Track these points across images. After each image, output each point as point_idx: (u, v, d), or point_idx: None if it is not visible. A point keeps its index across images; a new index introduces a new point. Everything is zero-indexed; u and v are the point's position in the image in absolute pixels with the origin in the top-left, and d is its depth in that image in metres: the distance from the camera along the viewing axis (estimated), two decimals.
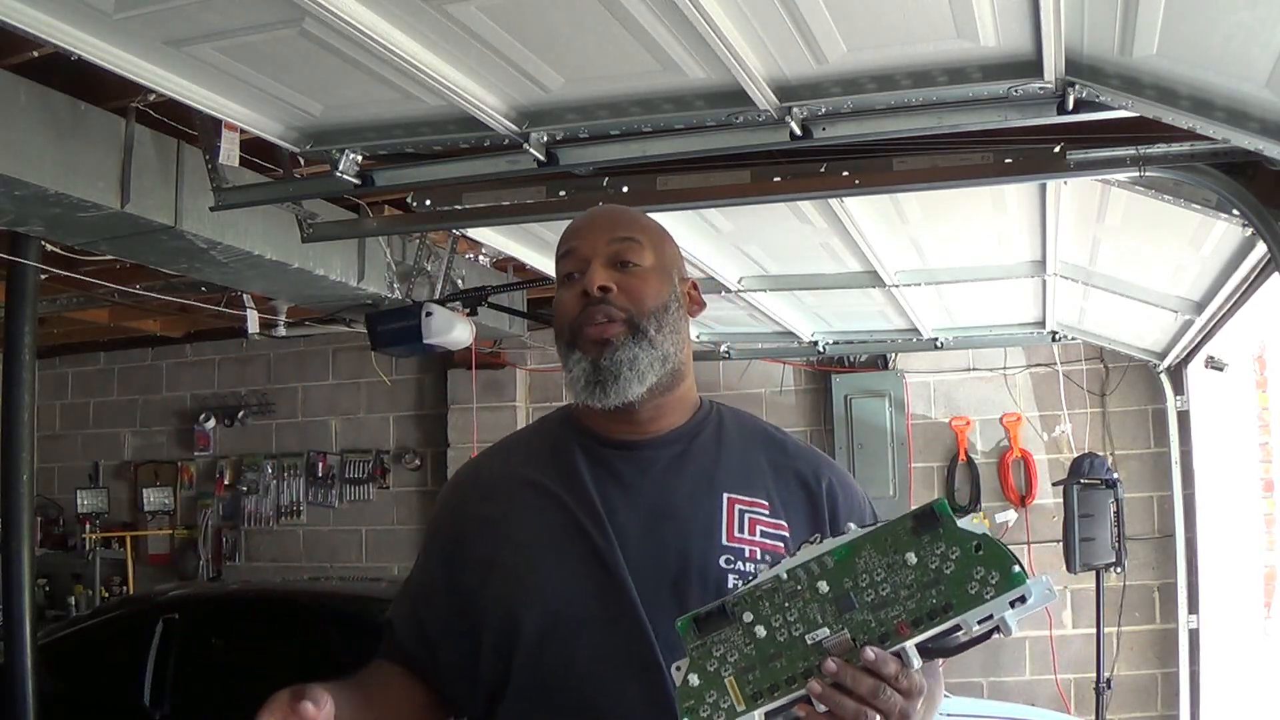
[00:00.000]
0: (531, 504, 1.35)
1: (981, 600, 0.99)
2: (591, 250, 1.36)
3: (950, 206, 3.20)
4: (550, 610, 1.27)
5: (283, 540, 6.74)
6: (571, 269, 1.37)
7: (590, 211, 1.47)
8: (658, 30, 1.94)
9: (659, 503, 1.32)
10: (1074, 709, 5.24)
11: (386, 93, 2.24)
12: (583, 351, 1.33)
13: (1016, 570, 0.99)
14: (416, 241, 4.69)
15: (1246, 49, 1.76)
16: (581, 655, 1.25)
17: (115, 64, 2.08)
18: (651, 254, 1.38)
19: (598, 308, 1.32)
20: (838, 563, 1.04)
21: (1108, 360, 5.50)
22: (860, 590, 1.03)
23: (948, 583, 1.01)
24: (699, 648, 1.06)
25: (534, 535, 1.32)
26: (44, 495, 6.54)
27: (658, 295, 1.35)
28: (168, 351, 7.10)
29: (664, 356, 1.33)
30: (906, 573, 1.02)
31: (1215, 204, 2.70)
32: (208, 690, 3.83)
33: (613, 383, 1.30)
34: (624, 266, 1.35)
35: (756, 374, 6.01)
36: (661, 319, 1.34)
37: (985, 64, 2.04)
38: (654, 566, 1.27)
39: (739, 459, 1.38)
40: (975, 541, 1.01)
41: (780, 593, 1.05)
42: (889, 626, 1.02)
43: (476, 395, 6.10)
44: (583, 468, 1.34)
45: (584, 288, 1.33)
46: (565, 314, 1.36)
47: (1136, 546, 5.22)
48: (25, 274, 3.65)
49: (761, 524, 1.32)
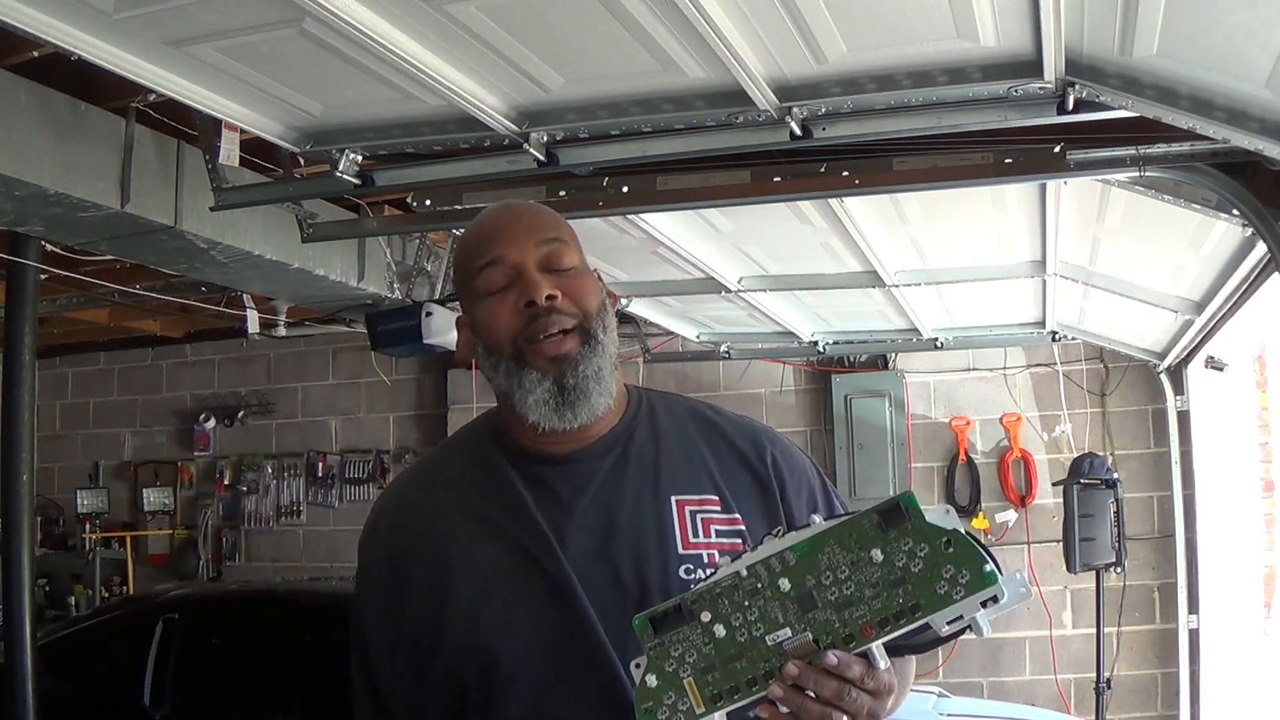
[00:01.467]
0: (476, 538, 1.23)
1: (951, 600, 0.94)
2: (520, 256, 1.24)
3: (950, 206, 3.20)
4: (514, 655, 1.18)
5: (283, 540, 6.74)
6: (501, 280, 1.24)
7: (497, 214, 1.33)
8: (658, 30, 1.94)
9: (605, 520, 1.22)
10: (1074, 709, 5.24)
11: (386, 93, 2.24)
12: (539, 370, 1.21)
13: (988, 569, 0.94)
14: (416, 241, 4.69)
15: (1246, 49, 1.76)
16: (552, 697, 1.17)
17: (115, 64, 2.08)
18: (575, 253, 1.28)
19: (547, 319, 1.21)
20: (800, 559, 0.99)
21: (1108, 360, 5.50)
22: (824, 588, 0.98)
23: (915, 581, 0.95)
24: (657, 647, 1.01)
25: (485, 575, 1.21)
26: (44, 495, 6.54)
27: (596, 295, 1.26)
28: (168, 351, 7.11)
29: (612, 359, 1.25)
30: (872, 570, 0.97)
31: (1215, 204, 2.69)
32: (208, 690, 3.83)
33: (582, 401, 1.21)
34: (558, 271, 1.25)
35: (756, 374, 6.01)
36: (604, 319, 1.26)
37: (985, 64, 2.04)
38: (612, 591, 1.18)
39: (680, 454, 1.29)
40: (945, 537, 0.95)
41: (740, 590, 1.00)
42: (853, 627, 0.97)
43: (476, 395, 6.09)
44: (522, 490, 1.24)
45: (528, 298, 1.21)
46: (504, 328, 1.23)
47: (1136, 546, 5.22)
48: (25, 274, 3.65)
49: (715, 523, 1.24)
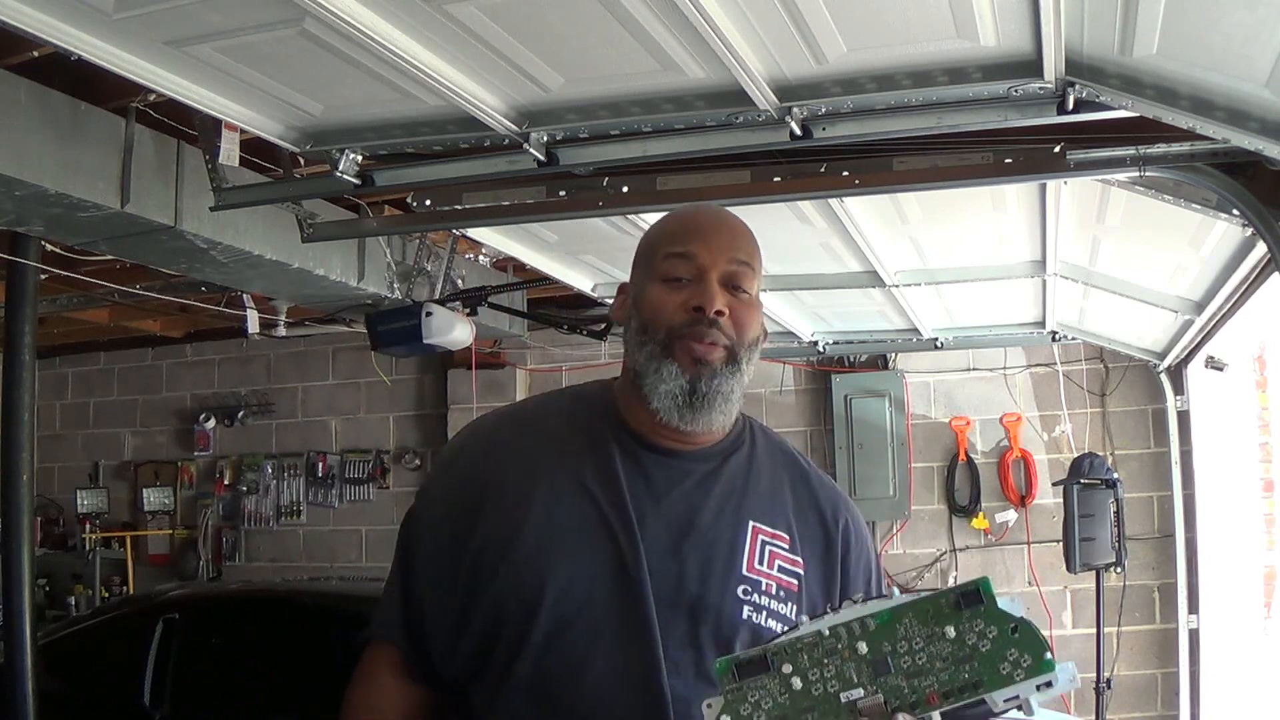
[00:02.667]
0: (562, 492, 1.29)
1: (1011, 681, 1.03)
2: (711, 263, 1.31)
3: (950, 206, 3.20)
4: (565, 608, 1.23)
5: (283, 540, 6.74)
6: (685, 273, 1.31)
7: (707, 213, 1.41)
8: (658, 30, 1.94)
9: (686, 519, 1.29)
10: (1074, 709, 5.23)
11: (386, 93, 2.24)
12: (680, 365, 1.28)
13: (1048, 658, 1.03)
14: (416, 241, 4.69)
15: (1246, 49, 1.76)
16: (589, 664, 1.22)
17: (115, 64, 2.08)
18: (756, 282, 1.36)
19: (709, 329, 1.29)
20: (879, 626, 1.07)
21: (1108, 360, 5.50)
22: (898, 656, 1.06)
23: (982, 660, 1.04)
24: (734, 691, 1.07)
25: (561, 528, 1.27)
26: (44, 495, 6.55)
27: (756, 327, 1.35)
28: (168, 351, 7.11)
29: (744, 388, 1.34)
30: (944, 645, 1.05)
31: (1215, 204, 2.69)
32: (208, 690, 3.83)
33: (704, 409, 1.29)
34: (736, 291, 1.32)
35: (757, 374, 5.86)
36: (753, 352, 1.34)
37: (985, 64, 2.04)
38: (673, 583, 1.25)
39: (767, 485, 1.36)
40: (1013, 624, 1.04)
41: (820, 648, 1.07)
42: (920, 694, 1.05)
43: (476, 395, 6.09)
44: (619, 467, 1.30)
45: (699, 303, 1.29)
46: (666, 316, 1.30)
47: (1136, 546, 5.22)
48: (25, 274, 3.65)
49: (780, 558, 1.31)
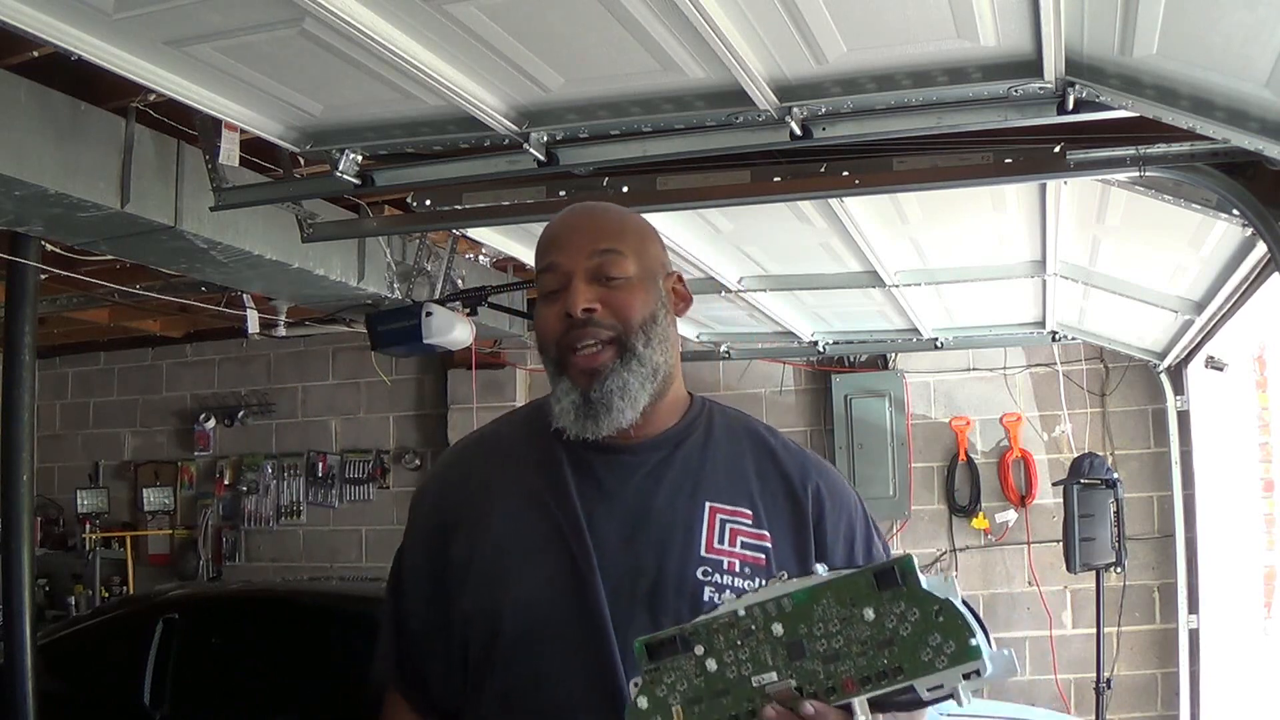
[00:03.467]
0: (515, 506, 1.32)
1: (933, 669, 0.96)
2: (572, 264, 1.30)
3: (950, 206, 3.20)
4: (523, 619, 1.25)
5: (283, 540, 6.74)
6: (553, 285, 1.31)
7: (567, 217, 1.39)
8: (658, 30, 1.94)
9: (639, 511, 1.28)
10: (1074, 709, 5.24)
11: (386, 93, 2.24)
12: (571, 380, 1.29)
13: (974, 643, 0.95)
14: (416, 241, 4.69)
15: (1246, 49, 1.76)
16: (548, 670, 1.24)
17: (115, 64, 2.08)
18: (634, 262, 1.32)
19: (583, 330, 1.28)
20: (796, 606, 1.02)
21: (1108, 360, 5.50)
22: (814, 639, 1.01)
23: (902, 645, 0.97)
24: (651, 671, 1.05)
25: (514, 539, 1.29)
26: (44, 495, 6.54)
27: (644, 307, 1.31)
28: (168, 351, 7.10)
29: (654, 370, 1.30)
30: (862, 628, 0.99)
31: (1215, 204, 2.69)
32: (208, 690, 3.83)
33: (605, 414, 1.27)
34: (608, 281, 1.30)
35: (756, 374, 6.01)
36: (650, 331, 1.30)
37: (985, 64, 2.04)
38: (630, 576, 1.25)
39: (725, 465, 1.34)
40: (937, 606, 0.97)
41: (736, 628, 1.03)
42: (836, 680, 1.00)
43: (476, 395, 6.09)
44: (567, 472, 1.31)
45: (565, 308, 1.28)
46: (549, 333, 1.31)
47: (1136, 546, 5.22)
48: (25, 274, 3.65)
49: (743, 534, 1.29)
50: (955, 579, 0.99)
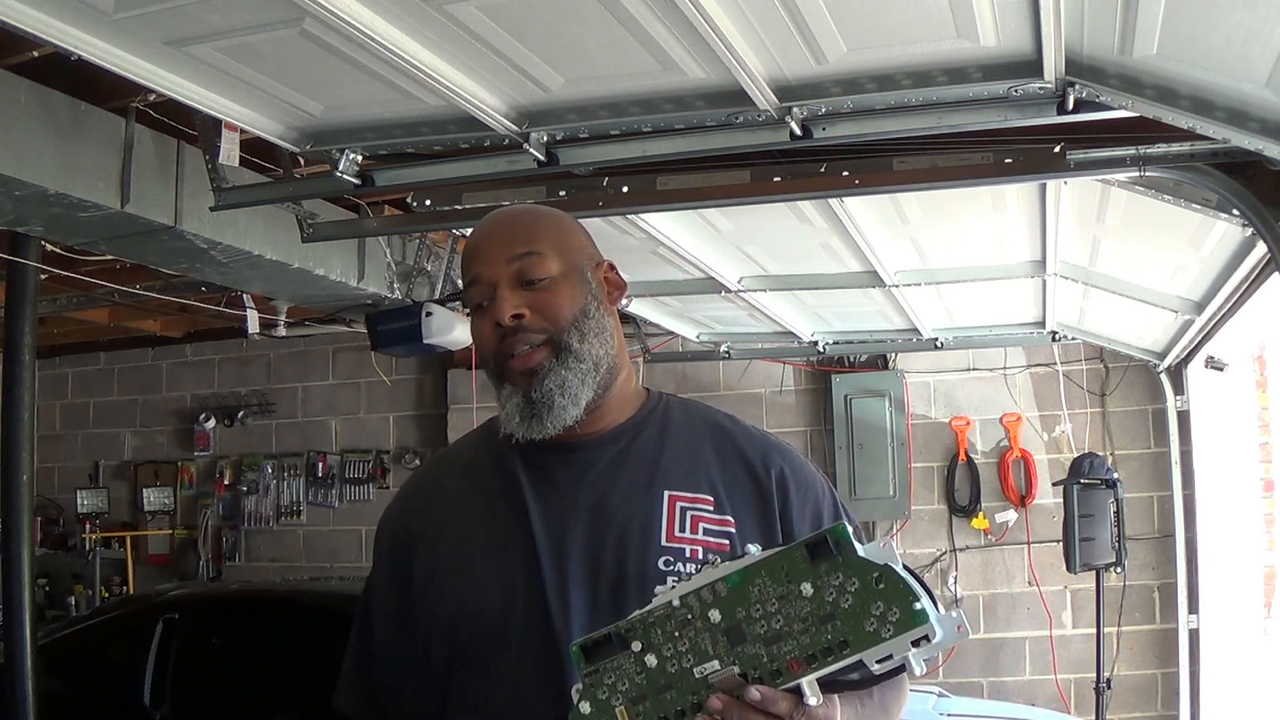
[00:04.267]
0: (468, 513, 1.33)
1: (879, 639, 0.92)
2: (494, 274, 1.29)
3: (950, 206, 3.20)
4: (479, 623, 1.25)
5: (283, 540, 6.74)
6: (479, 298, 1.30)
7: (484, 227, 1.37)
8: (658, 30, 1.94)
9: (596, 506, 1.27)
10: (1074, 709, 5.24)
11: (386, 93, 2.24)
12: (512, 385, 1.28)
13: (918, 608, 0.91)
14: (416, 241, 4.69)
15: (1246, 49, 1.76)
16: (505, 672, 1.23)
17: (115, 64, 2.08)
18: (556, 260, 1.30)
19: (515, 337, 1.27)
20: (731, 590, 0.97)
21: (1108, 360, 5.51)
22: (753, 621, 0.96)
23: (844, 618, 0.93)
24: (591, 674, 1.01)
25: (471, 545, 1.30)
26: (44, 495, 6.54)
27: (572, 303, 1.29)
28: (168, 351, 7.11)
29: (594, 365, 1.28)
30: (801, 604, 0.94)
31: (1215, 204, 2.69)
32: (208, 690, 3.83)
33: (547, 412, 1.26)
34: (530, 284, 1.28)
35: (756, 374, 6.01)
36: (583, 326, 1.28)
37: (985, 64, 2.04)
38: (591, 572, 1.24)
39: (685, 453, 1.32)
40: (876, 573, 0.93)
41: (673, 620, 0.99)
42: (781, 662, 0.95)
43: (476, 395, 6.09)
44: (520, 474, 1.31)
45: (494, 318, 1.27)
46: (484, 346, 1.31)
47: (1136, 546, 5.22)
48: (25, 274, 3.65)
49: (705, 521, 1.27)
50: (895, 544, 0.96)
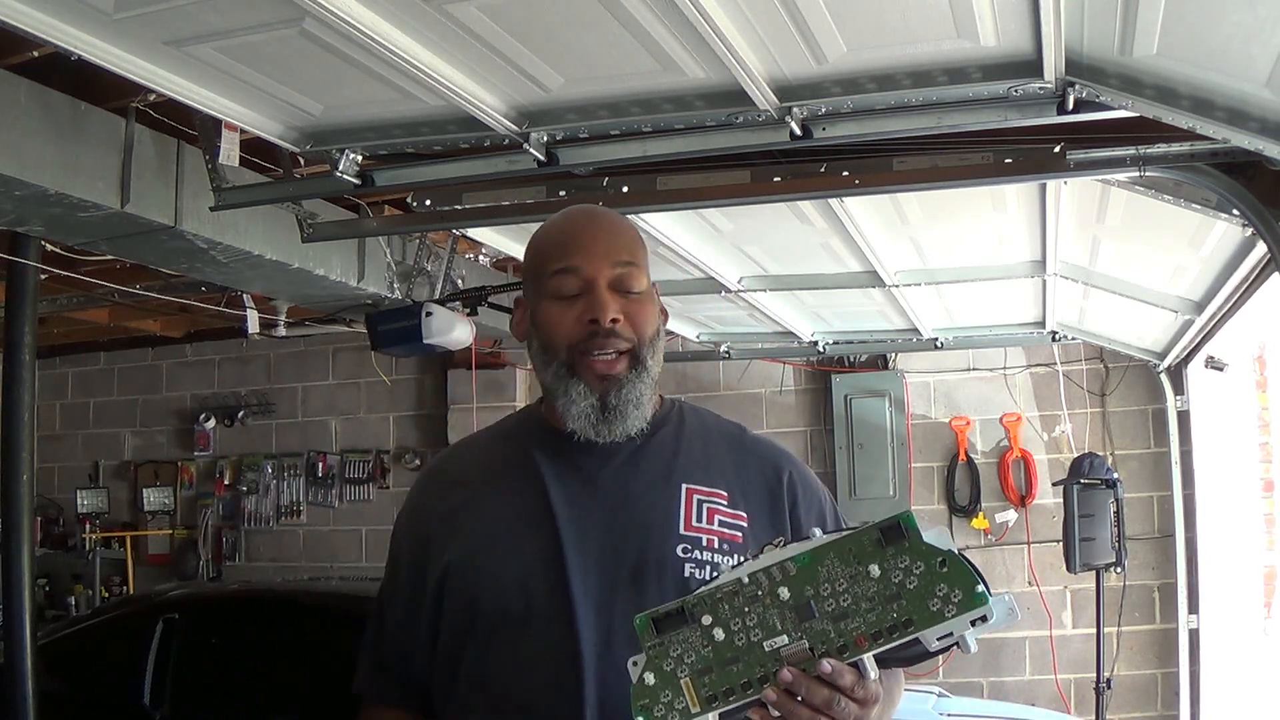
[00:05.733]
0: (488, 498, 1.37)
1: (942, 618, 0.99)
2: (596, 272, 1.32)
3: (950, 206, 3.20)
4: (499, 601, 1.29)
5: (283, 540, 6.74)
6: (573, 289, 1.32)
7: (583, 221, 1.40)
8: (658, 30, 1.94)
9: (618, 494, 1.33)
10: (1074, 709, 5.24)
11: (386, 93, 2.24)
12: (587, 384, 1.31)
13: (980, 590, 0.98)
14: (416, 241, 4.69)
15: (1246, 49, 1.76)
16: (521, 650, 1.27)
17: (115, 64, 2.08)
18: (644, 277, 1.36)
19: (606, 339, 1.30)
20: (800, 569, 1.03)
21: (1108, 360, 5.50)
22: (821, 599, 1.02)
23: (910, 598, 1.00)
24: (656, 646, 1.05)
25: (488, 529, 1.33)
26: (44, 495, 6.54)
27: (653, 321, 1.35)
28: (168, 351, 7.11)
29: (654, 381, 1.35)
30: (869, 584, 1.01)
31: (1215, 204, 2.69)
32: (208, 690, 3.83)
33: (619, 421, 1.31)
34: (626, 294, 1.33)
35: (756, 374, 6.01)
36: (656, 344, 1.35)
37: (985, 64, 2.04)
38: (612, 557, 1.28)
39: (700, 450, 1.39)
40: (940, 557, 1.00)
41: (741, 596, 1.04)
42: (848, 638, 1.01)
43: (476, 395, 6.09)
44: (541, 463, 1.35)
45: (593, 315, 1.30)
46: (563, 334, 1.32)
47: (1136, 546, 5.22)
48: (25, 274, 3.65)
49: (720, 514, 1.33)
50: (948, 532, 1.03)
